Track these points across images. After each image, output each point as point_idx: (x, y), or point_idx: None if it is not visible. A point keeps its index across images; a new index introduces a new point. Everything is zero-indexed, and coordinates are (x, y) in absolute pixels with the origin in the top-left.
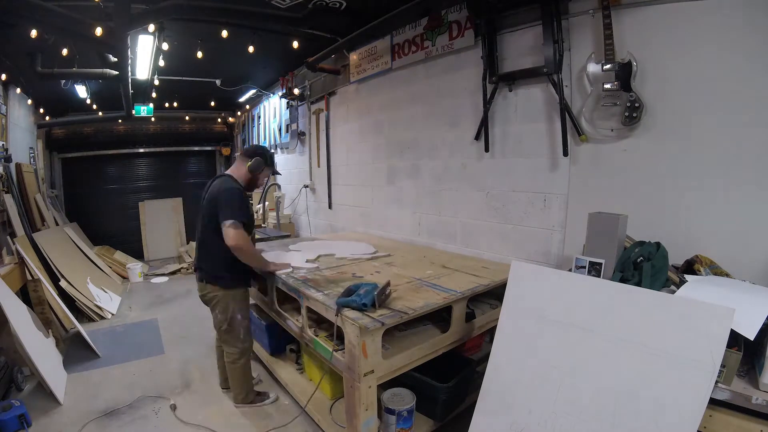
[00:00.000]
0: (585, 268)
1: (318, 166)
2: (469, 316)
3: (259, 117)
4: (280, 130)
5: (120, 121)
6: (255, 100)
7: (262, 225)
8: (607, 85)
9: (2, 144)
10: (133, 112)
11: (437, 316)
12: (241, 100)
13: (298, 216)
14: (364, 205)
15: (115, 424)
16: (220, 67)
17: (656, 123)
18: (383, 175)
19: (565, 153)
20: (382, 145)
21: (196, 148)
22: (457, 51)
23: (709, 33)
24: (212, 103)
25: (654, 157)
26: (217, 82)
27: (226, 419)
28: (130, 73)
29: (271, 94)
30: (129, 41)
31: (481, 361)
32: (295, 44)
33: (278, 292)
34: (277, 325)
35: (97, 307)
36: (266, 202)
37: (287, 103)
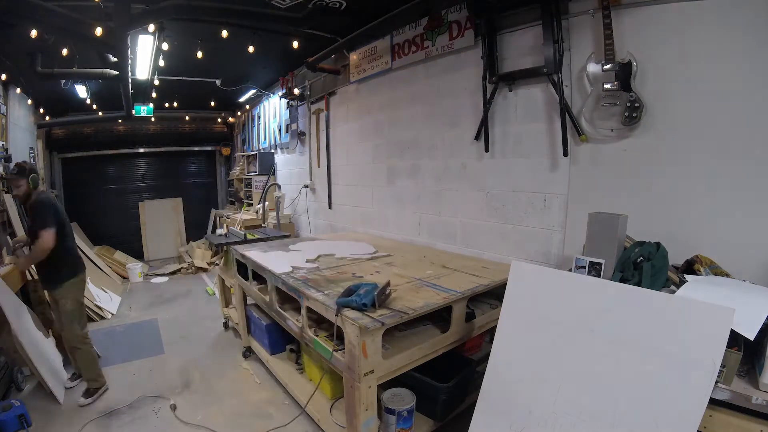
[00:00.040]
0: (585, 268)
1: (318, 166)
2: (469, 316)
3: (259, 117)
4: (280, 130)
5: (120, 121)
6: (255, 100)
7: (262, 225)
8: (607, 85)
9: (2, 144)
10: (133, 112)
11: (437, 316)
12: (241, 100)
13: (298, 216)
14: (364, 205)
15: (115, 424)
16: (220, 67)
17: (656, 123)
18: (383, 175)
19: (565, 153)
20: (382, 145)
21: (196, 148)
22: (457, 51)
23: (709, 33)
24: (212, 103)
25: (654, 157)
26: (217, 82)
27: (226, 419)
28: (130, 73)
29: (271, 94)
30: (129, 41)
31: (481, 361)
32: (295, 44)
33: (278, 292)
34: (277, 325)
35: (97, 307)
36: (266, 202)
37: (287, 103)
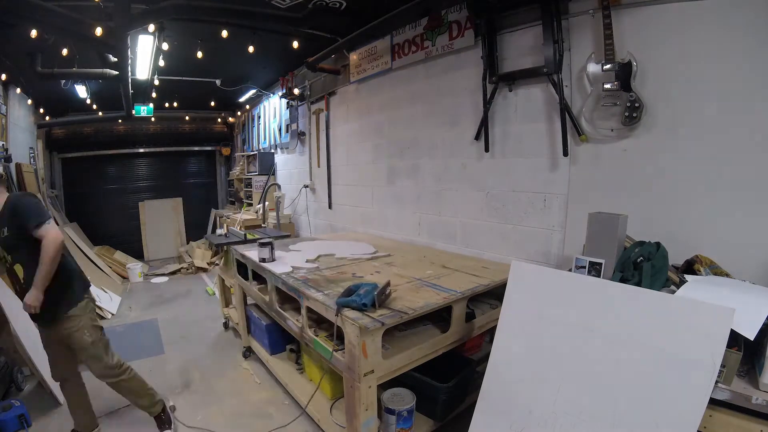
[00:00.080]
0: (585, 268)
1: (318, 166)
2: (469, 316)
3: (259, 117)
4: (280, 130)
5: (120, 121)
6: (255, 100)
7: (263, 225)
8: (607, 85)
9: (2, 144)
10: (133, 112)
11: (437, 316)
12: (241, 100)
13: (298, 216)
14: (364, 205)
15: (115, 423)
16: (220, 67)
17: (656, 123)
18: (383, 175)
19: (565, 153)
20: (382, 145)
21: (196, 148)
22: (457, 51)
23: (709, 33)
24: (212, 103)
25: (654, 157)
26: (217, 82)
27: (226, 419)
28: (130, 73)
29: (271, 94)
30: (129, 41)
31: (481, 361)
32: (295, 44)
33: (278, 292)
34: (277, 325)
35: (97, 307)
36: (266, 202)
37: (287, 103)
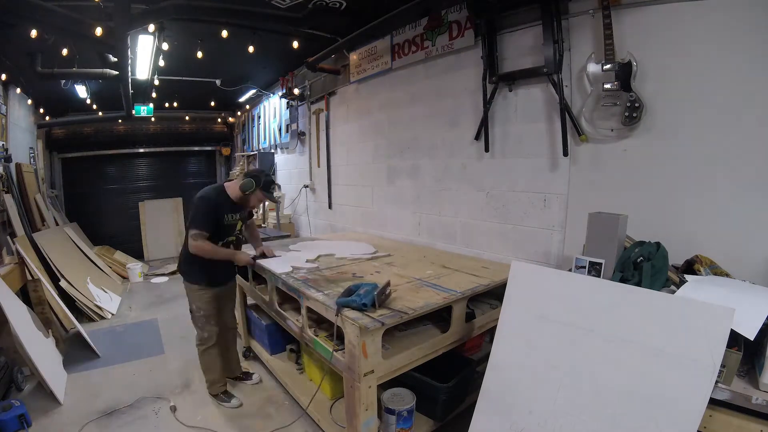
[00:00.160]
0: (585, 268)
1: (318, 166)
2: (469, 316)
3: (259, 117)
4: (280, 130)
5: (120, 121)
6: (255, 100)
7: (262, 225)
8: (607, 85)
9: (2, 144)
10: (133, 112)
11: (437, 316)
12: (241, 100)
13: (298, 216)
14: (364, 205)
15: (115, 424)
16: (220, 67)
17: (656, 123)
18: (383, 175)
19: (565, 153)
20: (382, 145)
21: (196, 148)
22: (457, 51)
23: (709, 33)
24: (212, 103)
25: (654, 157)
26: (217, 82)
27: (226, 420)
28: (130, 73)
29: (271, 94)
30: (129, 41)
31: (481, 361)
32: (295, 44)
33: (278, 292)
34: (277, 325)
35: (97, 307)
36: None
37: (287, 103)
